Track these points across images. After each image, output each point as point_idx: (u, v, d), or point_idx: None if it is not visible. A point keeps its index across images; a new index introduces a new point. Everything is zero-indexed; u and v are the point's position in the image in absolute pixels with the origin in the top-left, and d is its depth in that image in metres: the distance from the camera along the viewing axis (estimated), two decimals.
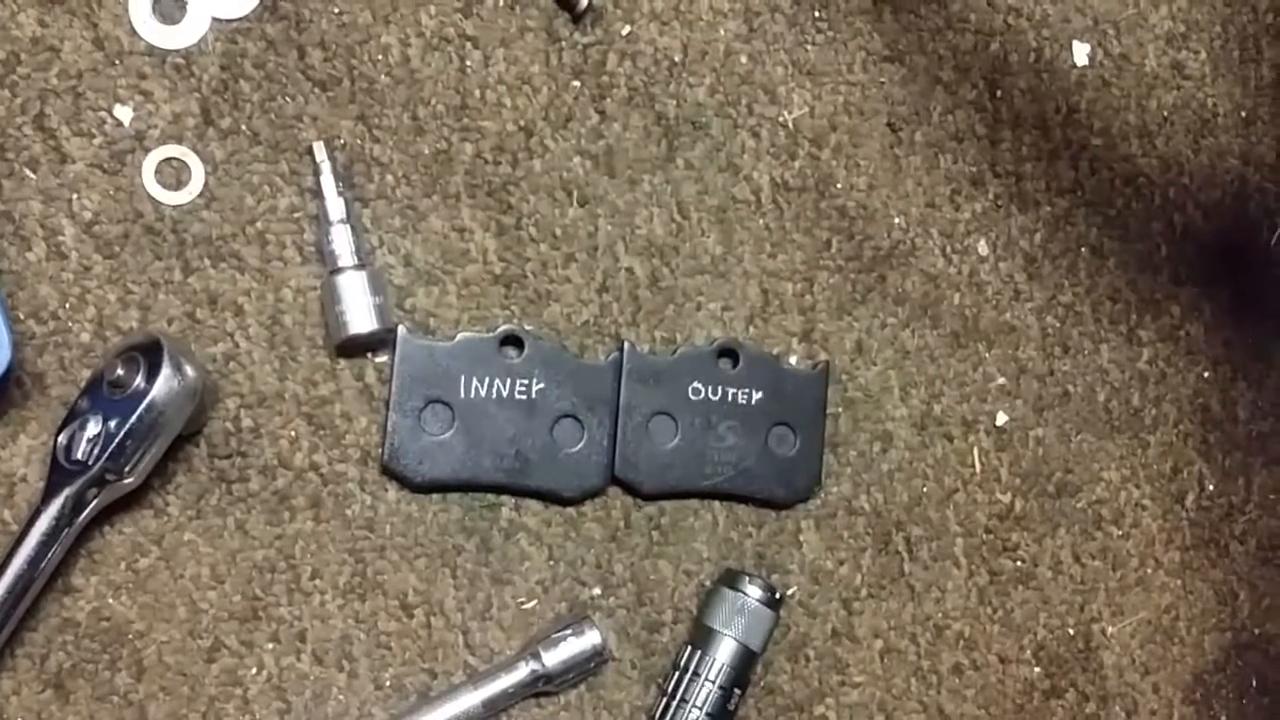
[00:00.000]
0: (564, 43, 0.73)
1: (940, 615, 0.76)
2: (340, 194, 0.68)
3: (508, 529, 0.71)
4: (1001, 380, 0.78)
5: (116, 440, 0.62)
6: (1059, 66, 0.80)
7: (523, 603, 0.71)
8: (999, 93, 0.79)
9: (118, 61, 0.68)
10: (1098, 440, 0.79)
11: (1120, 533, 0.79)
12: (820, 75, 0.76)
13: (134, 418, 0.62)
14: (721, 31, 0.75)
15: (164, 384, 0.62)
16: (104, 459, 0.62)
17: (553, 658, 0.69)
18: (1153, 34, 0.81)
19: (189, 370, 0.63)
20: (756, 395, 0.73)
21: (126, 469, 0.62)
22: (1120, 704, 0.79)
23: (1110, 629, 0.79)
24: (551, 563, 0.71)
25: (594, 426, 0.71)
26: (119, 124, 0.68)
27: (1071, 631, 0.78)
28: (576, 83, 0.73)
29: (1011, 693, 0.77)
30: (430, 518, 0.70)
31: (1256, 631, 0.82)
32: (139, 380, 0.62)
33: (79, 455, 0.62)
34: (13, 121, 0.67)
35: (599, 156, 0.73)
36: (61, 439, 0.63)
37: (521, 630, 0.71)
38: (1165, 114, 0.82)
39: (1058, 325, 0.79)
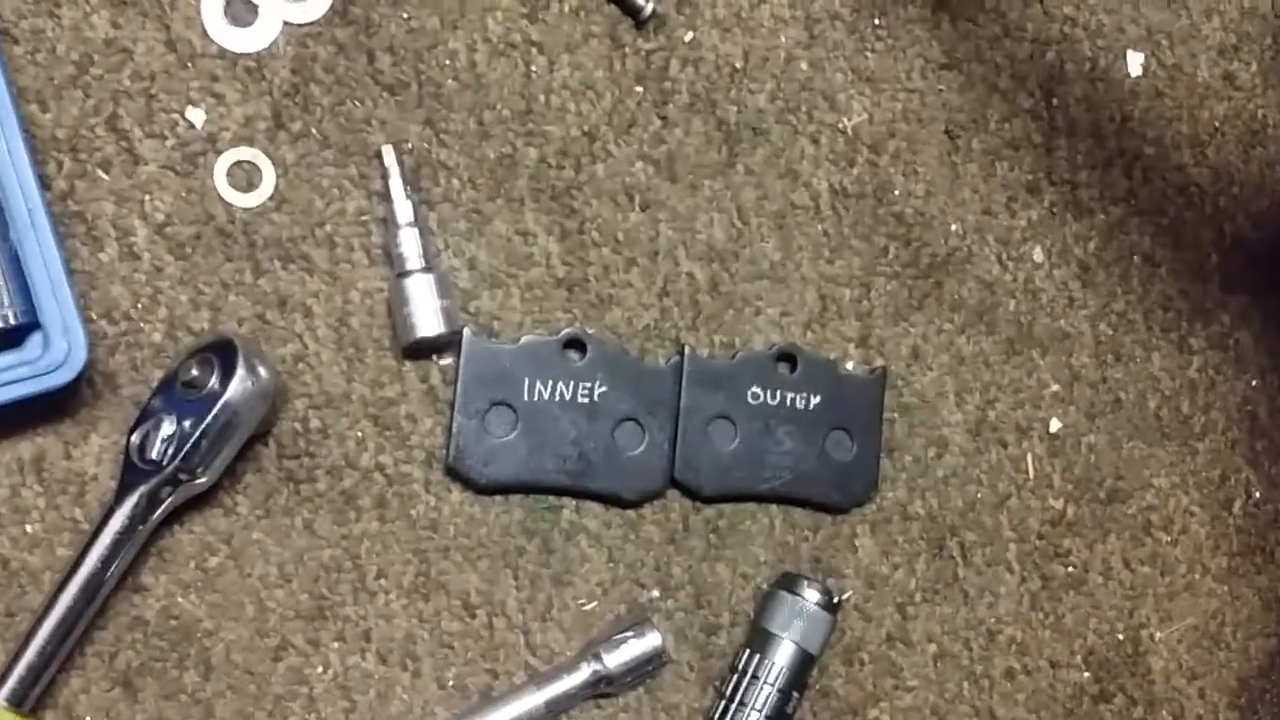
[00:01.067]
0: (627, 49, 0.74)
1: (993, 620, 0.77)
2: (408, 197, 0.69)
3: (568, 531, 0.72)
4: (1055, 387, 0.78)
5: (191, 440, 0.62)
6: (1113, 76, 0.80)
7: (583, 604, 0.71)
8: (1055, 101, 0.79)
9: (190, 64, 0.68)
10: (1148, 447, 0.80)
11: (1169, 539, 0.80)
12: (879, 82, 0.77)
13: (209, 418, 0.62)
14: (782, 38, 0.76)
15: (238, 384, 0.62)
16: (178, 459, 0.62)
17: (614, 659, 0.69)
18: (1205, 45, 0.82)
19: (263, 371, 0.63)
20: (814, 400, 0.74)
21: (200, 469, 0.63)
22: (1168, 709, 0.79)
23: (1158, 634, 0.79)
24: (611, 564, 0.72)
25: (654, 430, 0.72)
26: (191, 126, 0.68)
27: (1121, 637, 0.79)
28: (639, 88, 0.74)
29: (1061, 697, 0.77)
30: (493, 519, 0.71)
31: None
32: (213, 381, 0.62)
33: (153, 455, 0.62)
34: (86, 123, 0.67)
35: (660, 162, 0.74)
36: (135, 439, 0.63)
37: (581, 631, 0.71)
38: (1216, 124, 0.82)
39: (1110, 333, 0.79)
